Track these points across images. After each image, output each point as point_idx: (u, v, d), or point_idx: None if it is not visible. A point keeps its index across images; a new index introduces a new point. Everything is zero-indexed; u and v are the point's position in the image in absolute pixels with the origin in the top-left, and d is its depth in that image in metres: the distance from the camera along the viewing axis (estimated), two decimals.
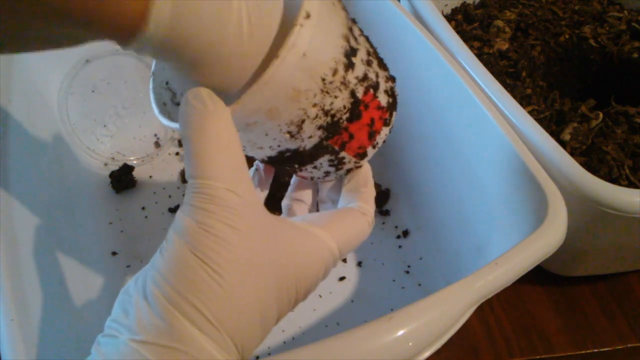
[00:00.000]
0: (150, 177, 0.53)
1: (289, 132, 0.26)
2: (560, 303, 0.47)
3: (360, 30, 0.29)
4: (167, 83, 0.29)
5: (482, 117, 0.38)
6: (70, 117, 0.51)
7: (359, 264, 0.47)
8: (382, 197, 0.51)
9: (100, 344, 0.21)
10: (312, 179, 0.33)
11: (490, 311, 0.46)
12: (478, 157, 0.40)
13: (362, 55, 0.27)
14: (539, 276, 0.48)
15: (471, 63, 0.44)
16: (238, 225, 0.21)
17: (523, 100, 0.49)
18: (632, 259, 0.46)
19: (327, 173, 0.30)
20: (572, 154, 0.43)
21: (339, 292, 0.45)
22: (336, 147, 0.28)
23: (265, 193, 0.33)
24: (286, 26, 0.24)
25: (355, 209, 0.29)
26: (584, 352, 0.44)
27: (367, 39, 0.29)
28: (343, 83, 0.26)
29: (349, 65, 0.26)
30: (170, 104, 0.29)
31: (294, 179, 0.34)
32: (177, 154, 0.55)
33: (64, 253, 0.40)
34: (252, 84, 0.23)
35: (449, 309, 0.26)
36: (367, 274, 0.46)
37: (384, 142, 0.30)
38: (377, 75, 0.28)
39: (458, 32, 0.48)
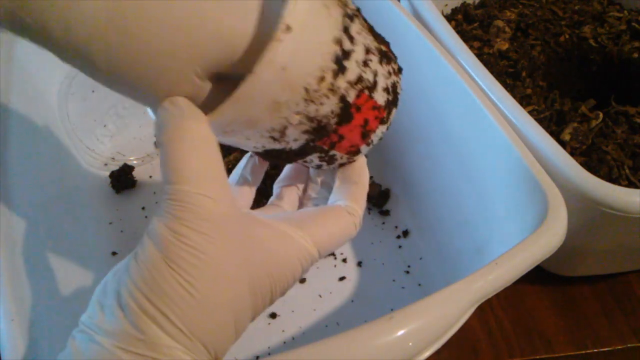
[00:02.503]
0: (150, 177, 0.53)
1: (272, 137, 0.25)
2: (560, 303, 0.47)
3: (363, 22, 0.27)
4: None
5: (482, 117, 0.38)
6: (70, 117, 0.51)
7: (359, 264, 0.47)
8: (382, 197, 0.51)
9: (75, 339, 0.21)
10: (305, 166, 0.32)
11: (490, 311, 0.46)
12: (478, 157, 0.40)
13: (357, 56, 0.25)
14: (539, 276, 0.48)
15: (471, 63, 0.44)
16: (212, 232, 0.21)
17: (523, 100, 0.49)
18: (632, 259, 0.46)
19: (319, 166, 0.30)
20: (572, 154, 0.43)
21: (339, 292, 0.45)
22: (325, 147, 0.27)
23: (260, 179, 0.33)
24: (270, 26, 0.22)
25: (341, 207, 0.28)
26: (584, 352, 0.44)
27: (370, 30, 0.27)
28: (331, 90, 0.24)
29: (339, 70, 0.24)
30: None
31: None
32: None
33: (64, 253, 0.40)
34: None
35: (449, 309, 0.26)
36: (367, 274, 0.46)
37: (381, 139, 0.29)
38: (375, 74, 0.26)
39: (458, 32, 0.48)
